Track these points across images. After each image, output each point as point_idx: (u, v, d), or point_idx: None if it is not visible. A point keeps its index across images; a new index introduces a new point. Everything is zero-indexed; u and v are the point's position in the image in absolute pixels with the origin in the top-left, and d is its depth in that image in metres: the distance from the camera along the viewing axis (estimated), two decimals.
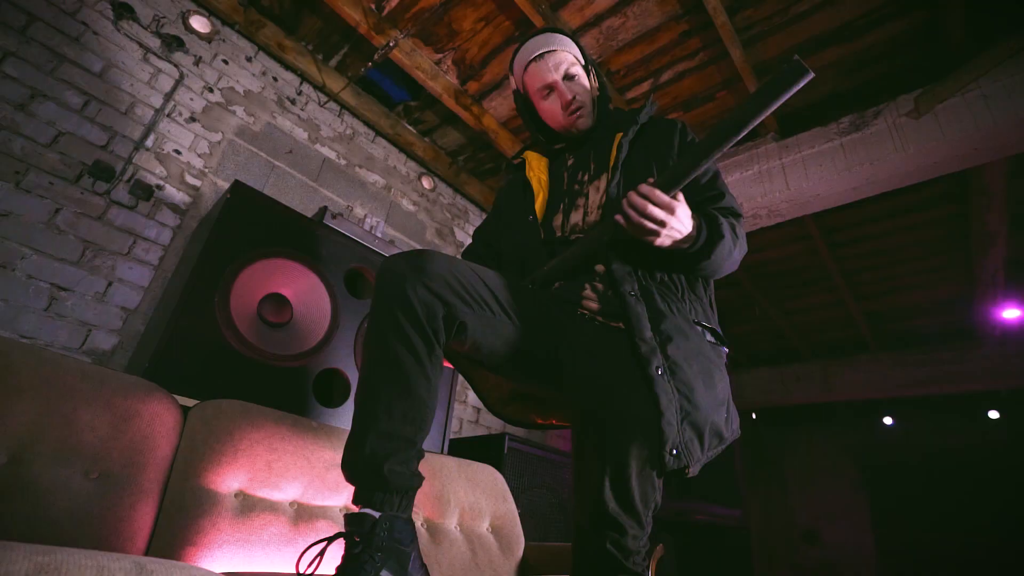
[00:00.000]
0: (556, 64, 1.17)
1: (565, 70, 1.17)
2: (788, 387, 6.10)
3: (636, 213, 0.90)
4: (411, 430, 0.80)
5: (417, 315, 0.83)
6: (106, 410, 0.99)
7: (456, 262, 0.92)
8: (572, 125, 1.21)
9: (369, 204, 2.99)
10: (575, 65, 1.19)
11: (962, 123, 2.28)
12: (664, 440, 0.83)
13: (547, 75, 1.18)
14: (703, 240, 0.96)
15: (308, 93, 2.90)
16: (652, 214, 0.89)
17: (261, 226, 1.61)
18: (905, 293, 4.46)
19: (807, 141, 2.67)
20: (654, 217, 0.89)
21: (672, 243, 0.94)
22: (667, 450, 0.83)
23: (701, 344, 0.95)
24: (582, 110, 1.19)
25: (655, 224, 0.90)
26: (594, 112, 1.22)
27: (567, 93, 1.18)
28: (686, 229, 0.94)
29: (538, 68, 1.19)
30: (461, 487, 1.60)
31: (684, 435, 0.84)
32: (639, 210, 0.90)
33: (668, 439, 0.83)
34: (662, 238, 0.92)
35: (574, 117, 1.20)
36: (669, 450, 0.83)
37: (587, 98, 1.19)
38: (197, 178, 2.31)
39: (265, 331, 1.56)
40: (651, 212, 0.89)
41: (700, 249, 0.96)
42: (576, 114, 1.19)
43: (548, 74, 1.18)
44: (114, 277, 1.95)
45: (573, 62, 1.19)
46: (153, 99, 2.25)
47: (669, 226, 0.91)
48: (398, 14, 2.53)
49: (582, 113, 1.20)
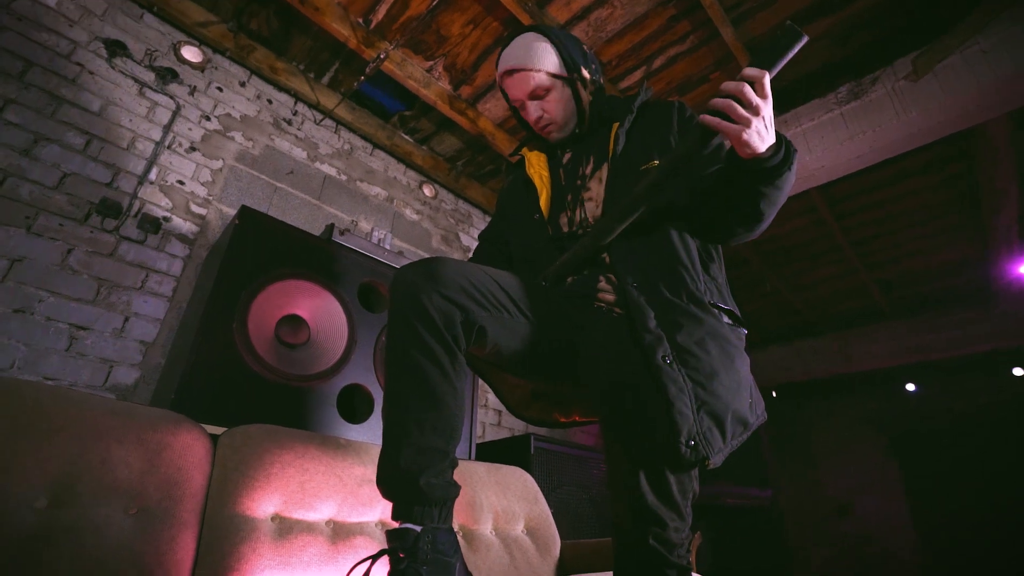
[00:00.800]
0: (522, 83, 1.13)
1: (531, 91, 1.13)
2: (806, 362, 6.04)
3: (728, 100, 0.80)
4: (443, 441, 0.80)
5: (435, 324, 0.82)
6: (138, 445, 0.99)
7: (468, 266, 0.92)
8: (546, 138, 1.21)
9: (373, 217, 3.00)
10: (545, 81, 1.12)
11: (962, 81, 2.25)
12: (677, 431, 0.80)
13: (514, 92, 1.16)
14: (784, 151, 0.85)
15: (303, 112, 2.92)
16: (748, 96, 0.78)
17: (271, 249, 1.62)
18: (917, 258, 4.40)
19: (806, 114, 2.65)
20: (749, 101, 0.78)
21: (758, 144, 0.82)
22: (682, 441, 0.80)
23: (718, 327, 0.93)
24: (551, 126, 1.18)
25: (748, 112, 0.79)
26: (575, 120, 1.18)
27: (532, 114, 1.16)
28: (773, 132, 0.84)
29: (509, 84, 1.17)
30: (492, 492, 1.59)
31: (702, 425, 0.82)
32: (735, 93, 0.79)
33: (682, 430, 0.80)
34: (752, 130, 0.80)
35: (545, 132, 1.19)
36: (685, 441, 0.80)
37: (559, 113, 1.15)
38: (202, 207, 2.33)
39: (285, 353, 1.57)
40: (748, 94, 0.78)
41: (782, 162, 0.85)
42: (546, 130, 1.19)
43: (515, 91, 1.16)
44: (130, 312, 1.97)
45: (542, 81, 1.12)
46: (153, 132, 2.27)
47: (762, 118, 0.80)
48: (386, 26, 2.54)
49: (550, 130, 1.18)
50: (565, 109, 1.16)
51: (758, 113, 0.79)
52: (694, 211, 1.02)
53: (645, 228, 1.00)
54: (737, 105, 0.79)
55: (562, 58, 1.13)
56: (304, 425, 1.50)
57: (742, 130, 0.80)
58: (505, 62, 1.17)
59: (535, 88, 1.13)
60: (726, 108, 0.80)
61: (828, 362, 5.82)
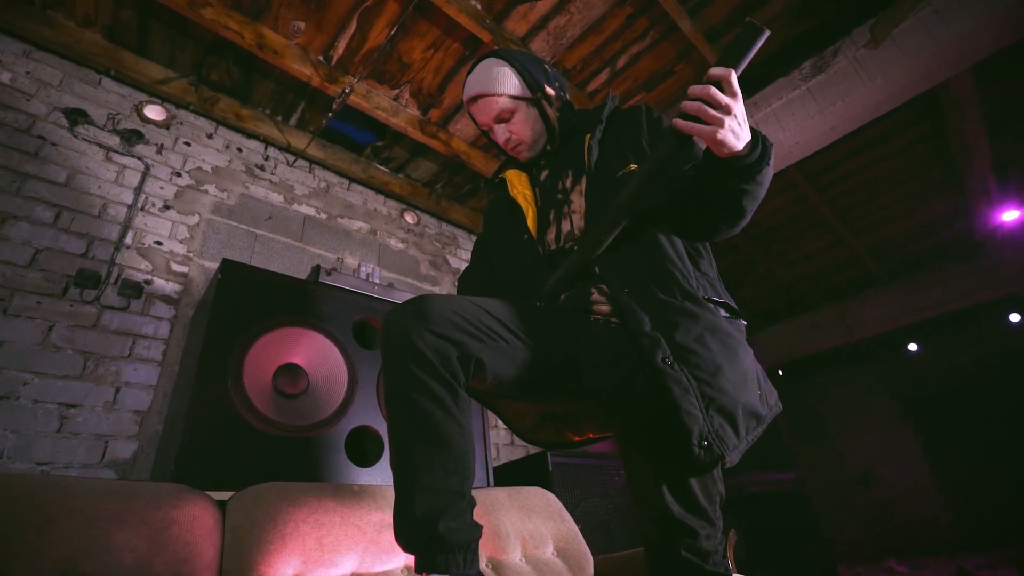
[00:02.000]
0: (486, 108, 1.15)
1: (496, 115, 1.15)
2: (808, 337, 6.05)
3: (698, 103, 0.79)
4: (456, 481, 0.76)
5: (431, 363, 0.79)
6: (141, 526, 0.94)
7: (456, 300, 0.89)
8: (517, 158, 1.21)
9: (358, 252, 2.97)
10: (508, 104, 1.14)
11: (921, 42, 2.28)
12: (688, 433, 0.77)
13: (481, 118, 1.18)
14: (760, 147, 0.85)
15: (275, 156, 2.89)
16: (717, 98, 0.77)
17: (258, 299, 1.57)
18: (901, 219, 4.44)
19: (774, 94, 2.67)
20: (719, 102, 0.77)
21: (733, 143, 0.81)
22: (694, 443, 0.77)
23: (715, 321, 0.90)
24: (520, 146, 1.18)
25: (719, 113, 0.78)
26: (545, 137, 1.19)
27: (499, 137, 1.17)
28: (747, 129, 0.83)
29: (474, 110, 1.18)
30: (516, 517, 1.54)
31: (713, 423, 0.79)
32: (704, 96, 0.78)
33: (692, 431, 0.77)
34: (725, 131, 0.79)
35: (515, 153, 1.20)
36: (697, 442, 0.77)
37: (526, 134, 1.16)
38: (183, 264, 2.28)
39: (286, 404, 1.52)
40: (716, 96, 0.77)
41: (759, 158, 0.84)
42: (516, 151, 1.19)
43: (481, 117, 1.18)
44: (120, 382, 1.91)
45: (505, 104, 1.13)
46: (124, 196, 2.23)
47: (734, 117, 0.79)
48: (347, 60, 2.53)
49: (521, 149, 1.19)
50: (532, 129, 1.16)
51: (729, 112, 0.78)
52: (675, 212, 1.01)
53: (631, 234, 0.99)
54: (708, 107, 0.78)
55: (524, 80, 1.14)
56: (315, 476, 1.44)
57: (716, 131, 0.79)
58: (469, 89, 1.18)
59: (499, 112, 1.14)
60: (697, 111, 0.79)
61: (830, 334, 5.83)
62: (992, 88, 3.08)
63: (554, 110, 1.17)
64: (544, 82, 1.16)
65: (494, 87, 1.13)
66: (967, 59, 2.37)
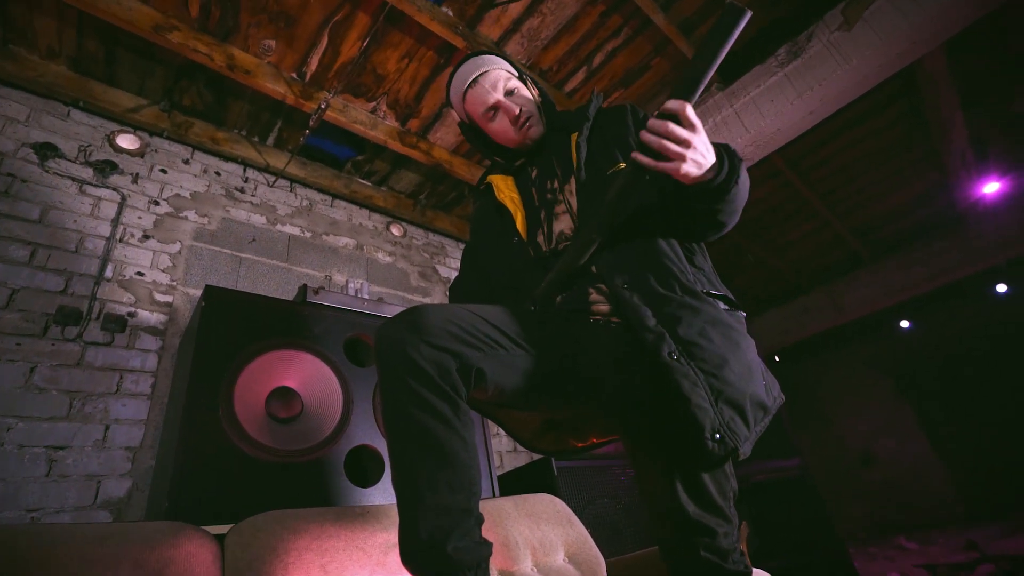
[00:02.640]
0: (493, 83, 1.14)
1: (504, 86, 1.15)
2: (801, 321, 6.08)
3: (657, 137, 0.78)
4: (463, 498, 0.74)
5: (429, 376, 0.76)
6: (136, 570, 0.90)
7: (451, 309, 0.87)
8: (526, 137, 1.18)
9: (346, 268, 2.93)
10: (512, 79, 1.17)
11: (893, 21, 2.30)
12: (700, 427, 0.76)
13: (487, 96, 1.15)
14: (727, 167, 0.85)
15: (254, 178, 2.85)
16: (676, 133, 0.77)
17: (245, 324, 1.54)
18: (883, 199, 4.48)
19: (752, 81, 2.68)
20: (678, 137, 0.77)
21: (698, 174, 0.81)
22: (707, 437, 0.76)
23: (716, 314, 0.89)
24: (532, 119, 1.16)
25: (680, 146, 0.78)
26: (543, 118, 1.19)
27: (513, 108, 1.14)
28: (711, 153, 0.83)
29: (476, 93, 1.16)
30: (524, 525, 1.51)
31: (723, 415, 0.78)
32: (661, 132, 0.78)
33: (704, 425, 0.76)
34: (688, 164, 0.79)
35: (526, 128, 1.17)
36: (710, 436, 0.76)
37: (533, 107, 1.17)
38: (167, 294, 2.23)
39: (280, 430, 1.48)
40: (676, 132, 0.77)
41: (727, 178, 0.84)
42: (527, 124, 1.16)
43: (488, 95, 1.15)
44: (109, 419, 1.85)
45: (509, 76, 1.16)
46: (101, 229, 2.18)
47: (694, 146, 0.79)
48: (321, 75, 2.50)
49: (532, 122, 1.17)
50: (535, 104, 1.18)
51: (689, 145, 0.79)
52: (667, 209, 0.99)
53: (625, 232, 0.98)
54: (667, 143, 0.78)
55: (512, 65, 1.20)
56: (315, 501, 1.41)
57: (678, 166, 0.80)
58: (466, 76, 1.17)
59: (507, 82, 1.16)
60: (659, 148, 0.79)
61: (822, 317, 5.87)
62: (964, 63, 3.12)
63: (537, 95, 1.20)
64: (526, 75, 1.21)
65: (494, 64, 1.17)
66: (938, 36, 2.39)
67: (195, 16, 2.18)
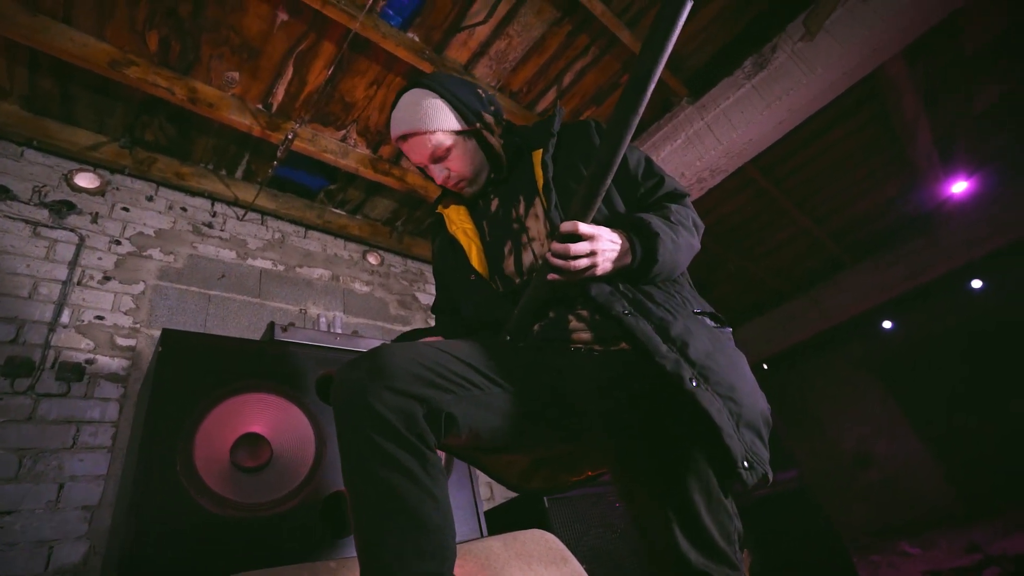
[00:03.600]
0: (419, 148, 1.04)
1: (430, 154, 1.04)
2: (786, 328, 6.10)
3: (563, 260, 0.82)
4: (434, 565, 0.66)
5: (393, 427, 0.69)
6: None
7: (418, 347, 0.80)
8: (459, 193, 1.12)
9: (321, 300, 2.84)
10: (445, 142, 1.03)
11: (854, 30, 2.33)
12: (734, 457, 0.70)
13: (414, 157, 1.08)
14: (640, 250, 0.87)
15: (223, 212, 2.77)
16: (578, 251, 0.81)
17: (207, 368, 1.44)
18: (857, 202, 4.54)
19: (721, 94, 2.69)
20: (581, 252, 0.81)
21: (614, 266, 0.86)
22: (740, 467, 0.71)
23: (711, 333, 0.85)
24: (461, 183, 1.09)
25: (586, 259, 0.82)
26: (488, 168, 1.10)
27: (438, 177, 1.08)
28: (618, 245, 0.86)
29: (406, 149, 1.08)
30: (516, 568, 1.42)
31: (745, 440, 0.73)
32: (564, 255, 0.81)
33: (736, 454, 0.71)
34: (600, 267, 0.84)
35: (458, 190, 1.11)
36: (742, 465, 0.71)
37: (467, 169, 1.07)
38: (129, 337, 2.12)
39: (247, 481, 1.38)
40: (576, 250, 0.81)
41: (644, 259, 0.87)
42: (456, 188, 1.11)
43: (414, 156, 1.07)
44: (64, 477, 1.72)
45: (440, 142, 1.02)
46: (57, 272, 2.07)
47: (600, 253, 0.83)
48: (288, 106, 2.45)
49: (462, 187, 1.10)
50: (473, 162, 1.07)
51: (594, 254, 0.82)
52: None
53: None
54: (573, 263, 0.81)
55: (457, 111, 1.04)
56: (288, 557, 1.30)
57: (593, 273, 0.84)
58: (396, 128, 1.06)
59: (434, 151, 1.04)
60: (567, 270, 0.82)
61: (806, 323, 5.89)
62: (923, 67, 3.19)
63: (496, 137, 1.07)
64: (480, 109, 1.06)
65: (425, 124, 1.02)
66: (897, 43, 2.43)
67: (154, 50, 2.13)
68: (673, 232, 0.90)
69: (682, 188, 1.04)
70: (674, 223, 0.93)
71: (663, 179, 1.03)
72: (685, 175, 2.83)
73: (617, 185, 1.02)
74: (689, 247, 0.94)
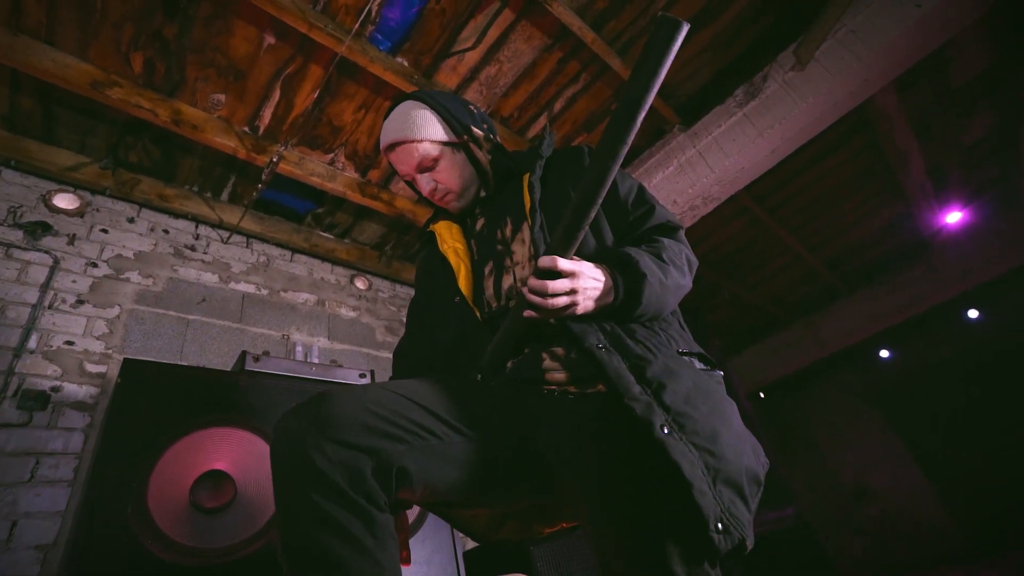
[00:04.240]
0: (406, 157, 1.03)
1: (417, 163, 1.03)
2: (782, 356, 6.03)
3: (541, 298, 0.76)
4: None
5: (336, 485, 0.62)
6: None
7: (369, 391, 0.73)
8: (447, 208, 1.09)
9: (305, 326, 2.76)
10: (432, 152, 1.02)
11: (844, 61, 2.33)
12: (704, 517, 0.62)
13: (401, 167, 1.06)
14: (623, 290, 0.82)
15: (207, 234, 2.71)
16: (557, 289, 0.76)
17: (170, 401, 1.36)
18: (852, 230, 4.53)
19: (713, 122, 2.68)
20: (560, 290, 0.76)
21: (596, 305, 0.80)
22: (712, 529, 0.62)
23: (696, 377, 0.78)
24: (449, 196, 1.07)
25: (566, 297, 0.77)
26: (476, 183, 1.08)
27: (424, 188, 1.06)
28: (600, 283, 0.81)
29: (393, 160, 1.06)
30: None
31: (723, 499, 0.64)
32: (542, 293, 0.76)
33: (708, 514, 0.62)
34: (581, 306, 0.79)
35: (444, 204, 1.08)
36: (714, 527, 0.62)
37: (454, 181, 1.05)
38: (100, 363, 2.03)
39: (207, 523, 1.29)
40: (555, 288, 0.76)
41: (626, 300, 0.82)
42: (443, 201, 1.08)
43: (401, 167, 1.06)
44: (17, 514, 1.62)
45: (428, 152, 1.02)
46: (27, 295, 2.00)
47: (581, 291, 0.78)
48: (275, 128, 2.42)
49: (448, 200, 1.07)
50: (461, 176, 1.05)
51: (574, 292, 0.77)
52: None
53: None
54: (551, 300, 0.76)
55: (447, 122, 1.04)
56: None
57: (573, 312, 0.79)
58: (385, 137, 1.06)
59: (420, 160, 1.02)
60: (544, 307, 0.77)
61: (803, 351, 5.83)
62: (913, 98, 3.21)
63: (484, 152, 1.06)
64: (470, 123, 1.06)
65: (413, 132, 1.02)
66: (888, 73, 2.44)
67: (139, 71, 2.10)
68: (662, 272, 0.84)
69: (675, 220, 0.99)
70: (665, 261, 0.87)
71: (654, 209, 0.99)
72: (677, 202, 2.80)
73: (607, 213, 0.98)
74: (678, 288, 0.88)
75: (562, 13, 2.14)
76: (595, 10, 2.24)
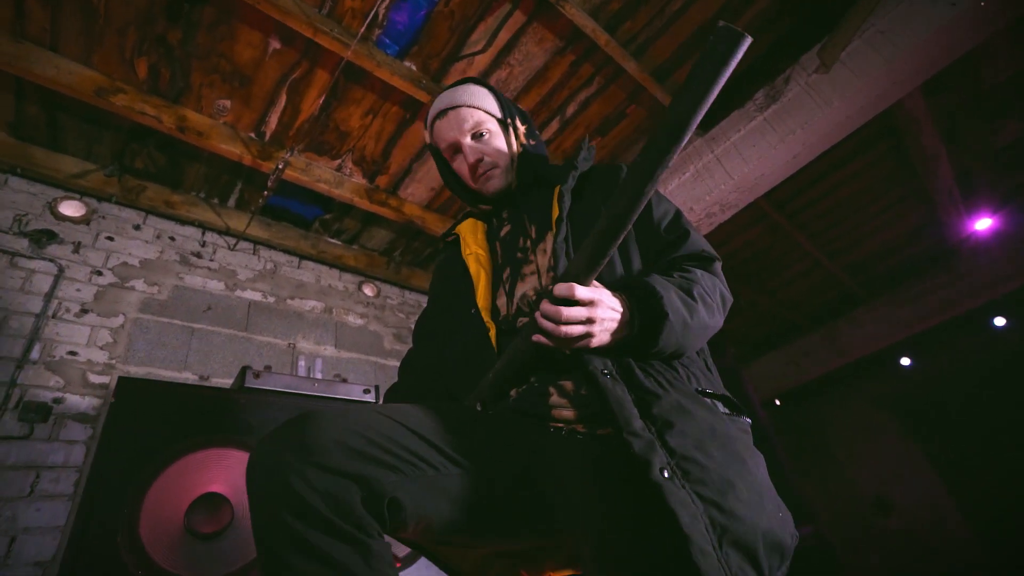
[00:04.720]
0: (460, 122, 1.03)
1: (471, 128, 1.03)
2: (800, 364, 5.88)
3: (553, 324, 0.70)
4: None
5: (321, 515, 0.55)
6: None
7: (360, 414, 0.66)
8: (483, 188, 1.04)
9: (312, 334, 2.72)
10: (486, 122, 1.04)
11: (871, 63, 2.22)
12: None
13: (449, 134, 1.04)
14: (638, 326, 0.75)
15: (213, 241, 2.68)
16: (572, 317, 0.69)
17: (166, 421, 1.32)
18: (874, 236, 4.39)
19: (732, 127, 2.58)
20: (576, 319, 0.70)
21: (613, 338, 0.73)
22: None
23: (715, 421, 0.69)
24: (492, 171, 1.03)
25: (581, 327, 0.70)
26: (513, 170, 1.04)
27: (470, 155, 1.02)
28: (619, 313, 0.74)
29: (442, 126, 1.05)
30: None
31: (729, 562, 0.56)
32: (555, 319, 0.70)
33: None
34: (597, 338, 0.71)
35: (483, 179, 1.03)
36: None
37: (500, 157, 1.03)
38: (103, 374, 2.01)
39: (202, 549, 1.24)
40: (570, 315, 0.69)
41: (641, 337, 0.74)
42: (484, 175, 1.03)
43: (451, 132, 1.04)
44: (16, 530, 1.59)
45: (482, 119, 1.03)
46: (31, 304, 1.98)
47: (599, 321, 0.71)
48: (281, 134, 2.38)
49: (492, 175, 1.03)
50: (506, 154, 1.04)
51: (590, 322, 0.70)
52: None
53: None
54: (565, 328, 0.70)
55: (501, 103, 1.07)
56: None
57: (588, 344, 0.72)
58: (441, 103, 1.07)
59: (475, 125, 1.03)
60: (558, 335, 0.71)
61: (822, 359, 5.67)
62: (942, 101, 3.08)
63: (517, 144, 1.05)
64: (516, 115, 1.07)
65: (472, 99, 1.04)
66: (918, 76, 2.32)
67: (143, 78, 2.07)
68: (687, 311, 0.75)
69: (712, 251, 0.91)
70: (694, 298, 0.78)
71: (689, 234, 0.91)
72: (694, 210, 2.71)
73: (637, 234, 0.93)
74: (704, 328, 0.79)
75: (575, 15, 2.07)
76: (609, 11, 2.17)
